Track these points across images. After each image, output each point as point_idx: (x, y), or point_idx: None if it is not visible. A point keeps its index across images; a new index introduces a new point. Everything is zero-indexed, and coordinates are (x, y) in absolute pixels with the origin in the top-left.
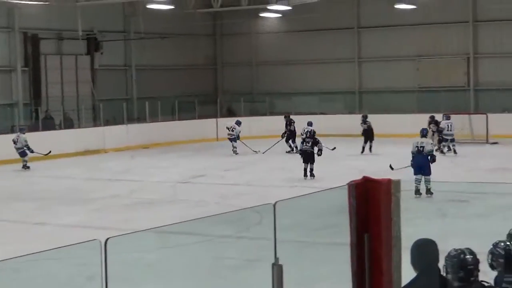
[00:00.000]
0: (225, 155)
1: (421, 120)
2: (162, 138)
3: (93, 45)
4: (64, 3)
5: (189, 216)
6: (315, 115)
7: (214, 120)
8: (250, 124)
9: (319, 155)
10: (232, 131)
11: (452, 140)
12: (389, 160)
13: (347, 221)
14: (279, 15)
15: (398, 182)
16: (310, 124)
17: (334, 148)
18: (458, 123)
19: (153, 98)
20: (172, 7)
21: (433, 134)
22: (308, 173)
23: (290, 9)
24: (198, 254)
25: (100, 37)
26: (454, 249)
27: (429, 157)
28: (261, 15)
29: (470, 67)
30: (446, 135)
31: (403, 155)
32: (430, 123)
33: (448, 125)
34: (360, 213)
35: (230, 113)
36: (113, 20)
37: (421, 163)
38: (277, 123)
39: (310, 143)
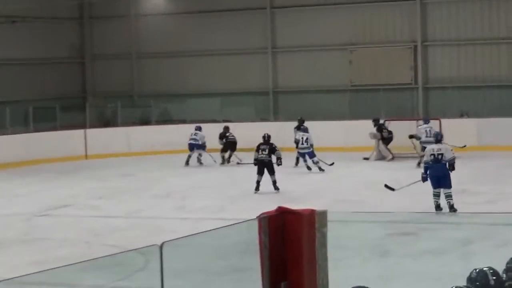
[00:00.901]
0: (98, 178)
1: (355, 128)
2: (12, 156)
3: None
4: None
5: (49, 260)
6: (218, 123)
7: (82, 131)
8: (130, 137)
9: (279, 164)
10: (195, 135)
11: None
12: (319, 181)
13: (258, 265)
14: None
15: (323, 214)
16: (305, 130)
17: (333, 163)
18: (403, 131)
19: None
20: None
21: (378, 141)
22: (272, 186)
23: None
24: None
25: None
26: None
27: (447, 166)
28: None
29: (417, 59)
30: (425, 142)
31: (340, 176)
32: (375, 127)
33: (427, 131)
34: (275, 255)
35: (104, 122)
36: None
37: (441, 173)
38: (167, 134)
39: (267, 150)
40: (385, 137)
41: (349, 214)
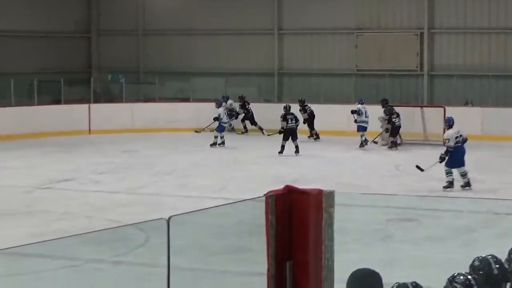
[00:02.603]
0: (101, 153)
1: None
2: (15, 128)
3: None
4: None
5: (49, 233)
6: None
7: (86, 106)
8: (134, 113)
9: (281, 132)
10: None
11: (365, 129)
12: (321, 164)
13: (262, 244)
14: None
15: (331, 194)
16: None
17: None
18: (407, 118)
19: (3, 74)
20: None
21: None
22: (295, 149)
23: None
24: (60, 284)
25: None
26: (397, 283)
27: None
28: None
29: (424, 46)
30: (361, 122)
31: (343, 159)
32: (383, 108)
33: (365, 111)
34: (281, 234)
35: (109, 97)
36: None
37: (464, 153)
38: (171, 111)
39: (294, 119)
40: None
41: (351, 196)
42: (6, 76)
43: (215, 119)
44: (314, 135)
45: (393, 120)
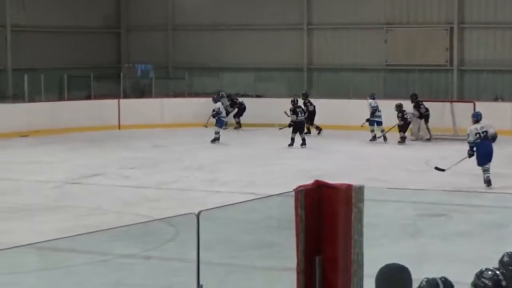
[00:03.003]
0: (131, 148)
1: (389, 107)
2: (45, 123)
3: None
4: None
5: (79, 228)
6: (250, 98)
7: (115, 101)
8: (163, 108)
9: (290, 125)
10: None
11: (380, 124)
12: (347, 159)
13: (291, 239)
14: None
15: (360, 189)
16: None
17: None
18: (436, 113)
19: (34, 69)
20: None
21: (420, 119)
22: (302, 142)
23: None
24: (90, 278)
25: None
26: (426, 279)
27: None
28: None
29: (453, 41)
30: (377, 117)
31: (370, 154)
32: (412, 103)
33: (377, 105)
34: (311, 229)
35: (138, 92)
36: None
37: (490, 149)
38: (200, 106)
39: (304, 112)
40: (422, 113)
41: (379, 191)
42: (36, 71)
43: (215, 115)
44: (316, 129)
45: (405, 116)
